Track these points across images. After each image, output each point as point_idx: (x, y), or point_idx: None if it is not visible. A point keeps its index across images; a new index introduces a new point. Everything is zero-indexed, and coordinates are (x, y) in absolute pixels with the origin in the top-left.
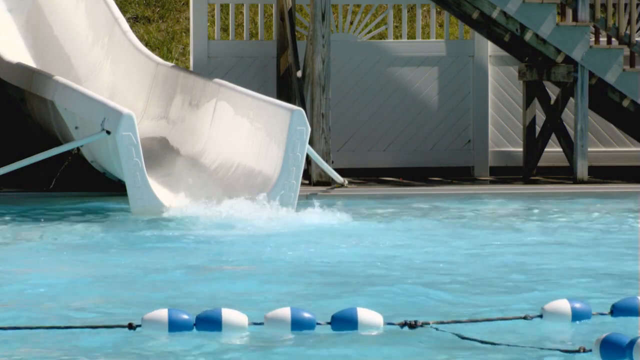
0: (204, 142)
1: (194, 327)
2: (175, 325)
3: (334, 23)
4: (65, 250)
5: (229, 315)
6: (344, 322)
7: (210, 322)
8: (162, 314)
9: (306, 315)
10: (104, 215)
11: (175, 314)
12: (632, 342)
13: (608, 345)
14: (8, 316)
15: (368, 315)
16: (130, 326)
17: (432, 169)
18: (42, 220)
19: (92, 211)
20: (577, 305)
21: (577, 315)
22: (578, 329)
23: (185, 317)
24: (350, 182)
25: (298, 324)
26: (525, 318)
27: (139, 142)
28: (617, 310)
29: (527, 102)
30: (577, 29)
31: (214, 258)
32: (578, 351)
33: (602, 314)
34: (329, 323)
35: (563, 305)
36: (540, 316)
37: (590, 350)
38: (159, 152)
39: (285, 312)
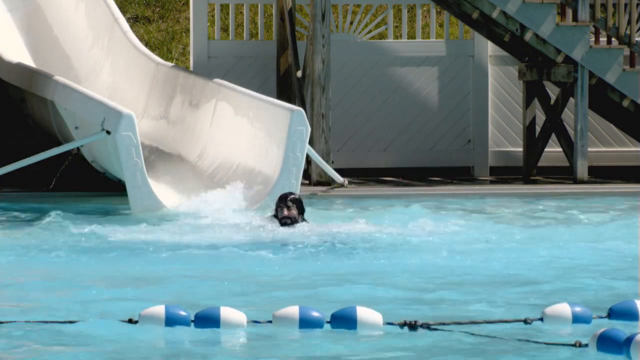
0: (204, 142)
1: (192, 324)
2: (171, 321)
3: (334, 23)
4: (65, 250)
5: (228, 313)
6: (344, 321)
7: (208, 321)
8: (159, 310)
9: (314, 314)
10: (104, 215)
11: (171, 310)
12: (629, 339)
13: (605, 340)
14: (8, 312)
15: (368, 315)
16: (130, 321)
17: (432, 169)
18: (42, 220)
19: (92, 211)
20: (578, 309)
21: (578, 319)
22: (576, 328)
23: (182, 313)
24: (350, 182)
25: (306, 323)
26: (525, 321)
27: (139, 142)
28: (614, 313)
29: (527, 102)
30: (577, 29)
31: (211, 261)
32: (574, 345)
33: (600, 317)
34: (328, 322)
35: (563, 309)
36: (541, 319)
37: (587, 345)
38: (159, 152)
39: (293, 311)
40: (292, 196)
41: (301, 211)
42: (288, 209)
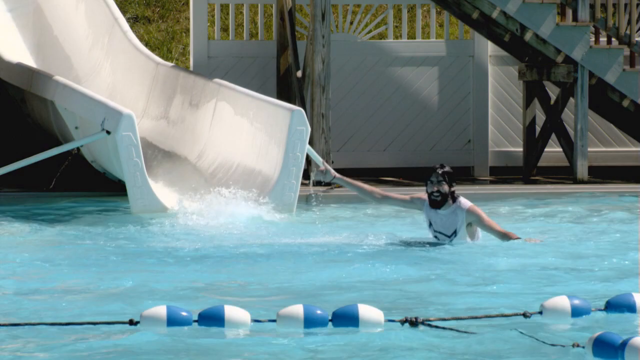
0: (203, 142)
1: (196, 323)
2: (173, 322)
3: (334, 23)
4: (65, 250)
5: (232, 312)
6: (345, 318)
7: (213, 319)
8: (161, 310)
9: (319, 312)
10: (104, 215)
11: (173, 310)
12: (625, 343)
13: (601, 344)
14: (9, 313)
15: (369, 312)
16: (131, 322)
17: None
18: (42, 220)
19: (93, 211)
20: (577, 302)
21: (577, 312)
22: (575, 324)
23: (184, 313)
24: None
25: (311, 321)
26: (524, 315)
27: (139, 142)
28: (611, 306)
29: (527, 102)
30: (577, 29)
31: (208, 259)
32: (572, 346)
33: (600, 310)
34: (330, 320)
35: (562, 301)
36: (540, 313)
37: (584, 347)
38: (159, 152)
39: (298, 309)
40: (442, 170)
41: (451, 184)
42: (439, 183)
